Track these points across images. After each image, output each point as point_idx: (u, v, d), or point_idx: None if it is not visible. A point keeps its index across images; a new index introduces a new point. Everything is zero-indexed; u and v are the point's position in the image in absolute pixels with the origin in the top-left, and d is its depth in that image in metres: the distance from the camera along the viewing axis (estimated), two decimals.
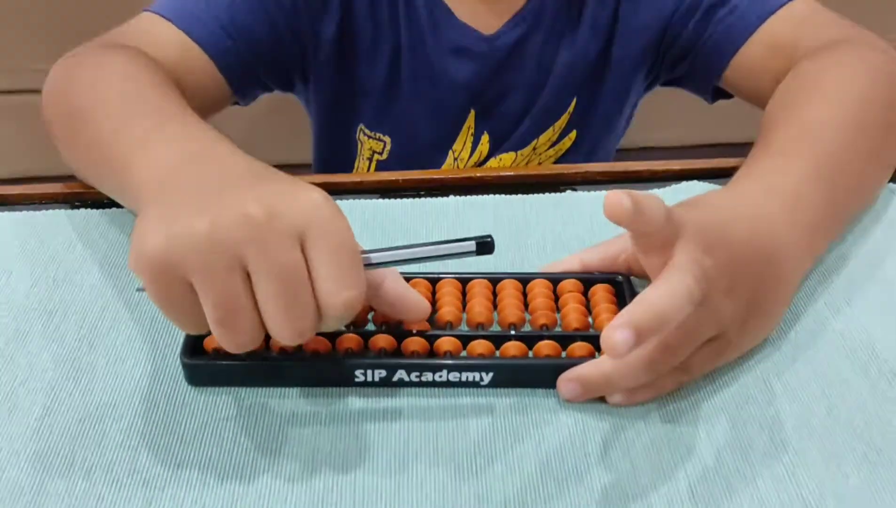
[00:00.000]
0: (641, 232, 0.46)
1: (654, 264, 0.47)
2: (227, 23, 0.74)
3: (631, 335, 0.42)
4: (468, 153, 0.89)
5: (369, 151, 0.90)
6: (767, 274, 0.51)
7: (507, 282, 0.57)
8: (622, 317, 0.43)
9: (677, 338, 0.48)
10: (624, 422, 0.50)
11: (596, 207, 0.66)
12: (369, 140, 0.89)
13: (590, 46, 0.83)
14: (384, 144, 0.89)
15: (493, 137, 0.88)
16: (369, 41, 0.82)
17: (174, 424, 0.50)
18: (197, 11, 0.74)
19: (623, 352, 0.42)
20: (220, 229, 0.42)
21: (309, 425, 0.50)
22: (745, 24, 0.76)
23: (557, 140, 0.89)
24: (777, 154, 0.58)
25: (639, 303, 0.44)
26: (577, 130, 0.89)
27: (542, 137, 0.88)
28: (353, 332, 0.52)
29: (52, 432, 0.49)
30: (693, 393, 0.51)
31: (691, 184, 0.68)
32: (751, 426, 0.50)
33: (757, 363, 0.53)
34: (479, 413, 0.50)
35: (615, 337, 0.42)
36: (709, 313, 0.48)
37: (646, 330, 0.43)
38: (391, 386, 0.52)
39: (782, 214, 0.54)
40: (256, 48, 0.77)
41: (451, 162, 0.89)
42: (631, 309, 0.43)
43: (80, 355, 0.54)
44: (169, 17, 0.73)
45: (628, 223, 0.45)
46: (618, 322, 0.42)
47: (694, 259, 0.46)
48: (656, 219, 0.45)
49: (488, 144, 0.88)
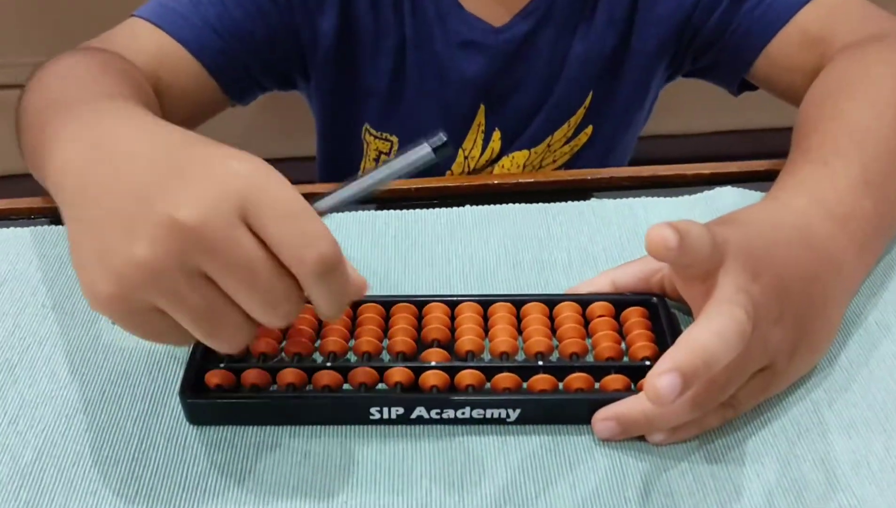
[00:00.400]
0: (685, 265, 0.42)
1: (695, 293, 0.43)
2: (216, 22, 0.71)
3: (678, 381, 0.38)
4: (479, 151, 0.85)
5: (376, 152, 0.86)
6: (816, 295, 0.47)
7: (532, 306, 0.53)
8: (667, 361, 0.39)
9: (724, 373, 0.44)
10: (665, 462, 0.46)
11: (624, 217, 0.62)
12: (376, 140, 0.85)
13: (606, 38, 0.79)
14: (391, 144, 0.85)
15: (506, 133, 0.84)
16: (371, 36, 0.79)
17: (175, 467, 0.46)
18: (185, 12, 0.70)
19: (669, 401, 0.38)
20: (160, 250, 0.38)
21: (321, 467, 0.46)
22: (775, 15, 0.72)
23: (573, 136, 0.85)
24: (819, 162, 0.54)
25: (685, 345, 0.40)
26: (593, 125, 0.85)
27: (558, 133, 0.84)
28: (368, 365, 0.48)
29: (44, 479, 0.46)
30: (739, 429, 0.47)
31: (723, 190, 0.64)
32: (804, 465, 0.46)
33: (806, 392, 0.49)
34: (506, 453, 0.46)
35: (660, 384, 0.38)
36: (758, 343, 0.44)
37: (693, 375, 0.39)
38: (409, 424, 0.48)
39: (830, 228, 0.50)
40: (249, 46, 0.73)
41: (462, 160, 0.85)
42: (677, 352, 0.39)
43: (73, 390, 0.50)
44: (155, 20, 0.70)
45: (673, 260, 0.41)
46: (663, 367, 0.38)
47: (741, 287, 0.42)
48: (702, 252, 0.41)
49: (500, 141, 0.84)
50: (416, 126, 0.83)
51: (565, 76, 0.81)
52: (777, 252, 0.46)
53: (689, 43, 0.79)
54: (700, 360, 0.39)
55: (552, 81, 0.81)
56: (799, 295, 0.46)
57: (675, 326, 0.51)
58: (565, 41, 0.79)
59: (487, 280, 0.57)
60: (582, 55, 0.80)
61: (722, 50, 0.77)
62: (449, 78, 0.80)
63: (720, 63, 0.79)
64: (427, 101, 0.82)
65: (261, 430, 0.48)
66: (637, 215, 0.63)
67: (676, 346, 0.40)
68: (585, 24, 0.79)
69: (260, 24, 0.73)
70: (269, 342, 0.50)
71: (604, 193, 0.66)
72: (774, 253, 0.46)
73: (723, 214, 0.62)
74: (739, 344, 0.41)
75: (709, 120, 1.75)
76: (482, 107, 0.82)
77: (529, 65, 0.80)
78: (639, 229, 0.62)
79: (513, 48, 0.79)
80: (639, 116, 0.88)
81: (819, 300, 0.47)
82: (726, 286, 0.42)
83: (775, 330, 0.45)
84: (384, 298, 0.53)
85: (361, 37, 0.78)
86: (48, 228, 0.63)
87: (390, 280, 0.58)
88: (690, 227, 0.41)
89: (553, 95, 0.82)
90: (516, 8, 0.78)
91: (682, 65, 0.83)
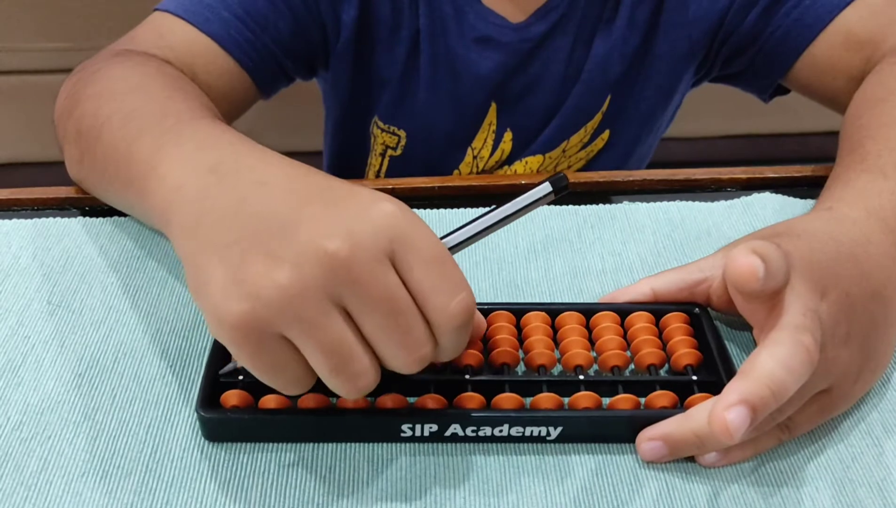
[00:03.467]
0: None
1: (757, 312, 0.41)
2: (243, 14, 0.68)
3: (747, 414, 0.36)
4: (489, 151, 0.82)
5: (382, 146, 0.84)
6: (878, 314, 0.45)
7: (567, 315, 0.50)
8: (734, 394, 0.37)
9: None
10: (716, 484, 0.43)
11: (660, 223, 0.60)
12: (382, 133, 0.82)
13: (628, 41, 0.76)
14: (398, 138, 0.82)
15: (518, 135, 0.81)
16: (389, 28, 0.76)
17: (191, 481, 0.43)
18: (211, 2, 0.67)
19: (739, 435, 0.36)
20: (304, 277, 0.37)
21: (348, 487, 0.43)
22: (816, 16, 0.69)
23: (589, 141, 0.82)
24: (875, 171, 0.51)
25: (752, 374, 0.38)
26: (611, 131, 0.82)
27: (574, 137, 0.81)
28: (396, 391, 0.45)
29: (50, 491, 0.43)
30: (792, 452, 0.45)
31: (762, 196, 0.61)
32: (860, 489, 0.43)
33: (861, 415, 0.47)
34: (546, 474, 0.44)
35: (731, 418, 0.36)
36: (822, 366, 0.41)
37: (762, 407, 0.37)
38: (443, 442, 0.45)
39: (890, 243, 0.47)
40: (277, 36, 0.71)
41: (471, 160, 0.83)
42: (743, 383, 0.37)
43: (81, 395, 0.47)
44: (182, 14, 0.67)
45: (761, 291, 0.38)
46: (730, 400, 0.36)
47: (809, 308, 0.40)
48: (782, 277, 0.39)
49: (511, 143, 0.81)
50: (426, 121, 0.81)
51: (583, 79, 0.78)
52: (841, 268, 0.44)
53: (721, 46, 0.76)
54: (768, 390, 0.37)
55: (569, 83, 0.78)
56: (863, 314, 0.44)
57: (720, 339, 0.48)
58: (585, 42, 0.76)
59: (519, 286, 0.55)
60: (601, 57, 0.77)
61: (758, 54, 0.74)
62: (462, 73, 0.77)
63: (755, 68, 0.76)
64: (438, 96, 0.79)
65: (282, 447, 0.45)
66: (672, 220, 0.60)
67: (742, 375, 0.38)
68: (606, 26, 0.76)
69: (286, 14, 0.71)
70: None
71: (635, 196, 0.63)
72: (839, 269, 0.44)
73: (760, 220, 0.60)
74: (807, 373, 0.39)
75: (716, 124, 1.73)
76: (494, 105, 0.79)
77: (546, 65, 0.77)
78: (675, 234, 0.59)
79: (530, 46, 0.76)
80: (660, 122, 0.85)
81: (881, 319, 0.45)
82: (794, 308, 0.40)
83: (842, 352, 0.42)
84: None
85: (379, 27, 0.76)
86: (52, 220, 0.60)
87: None
88: (767, 250, 0.38)
89: (569, 97, 0.79)
90: (537, 4, 0.75)
91: (712, 69, 0.80)
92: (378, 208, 0.39)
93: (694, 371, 0.47)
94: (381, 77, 0.79)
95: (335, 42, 0.76)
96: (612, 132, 0.82)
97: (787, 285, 0.40)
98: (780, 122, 1.72)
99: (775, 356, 0.38)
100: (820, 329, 0.40)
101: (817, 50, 0.69)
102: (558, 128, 0.80)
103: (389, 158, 0.84)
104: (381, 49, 0.77)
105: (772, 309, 0.40)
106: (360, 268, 0.37)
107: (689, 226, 0.60)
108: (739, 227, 0.59)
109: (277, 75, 0.74)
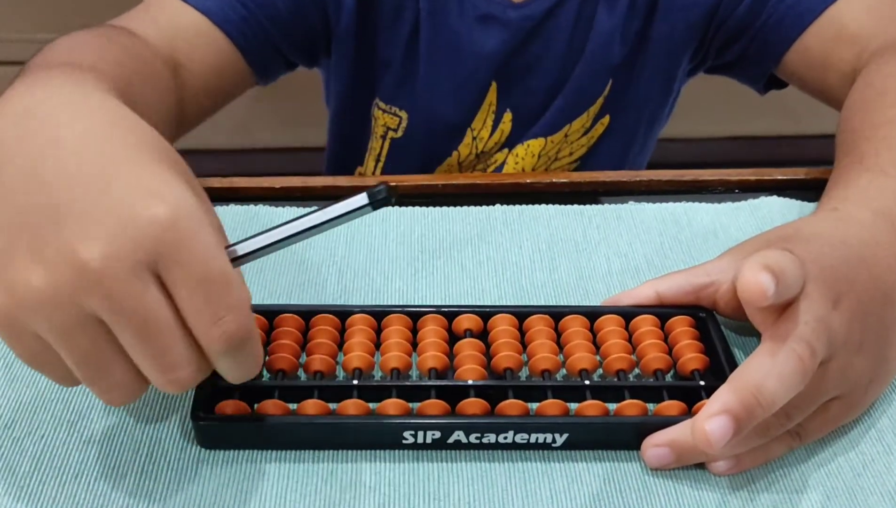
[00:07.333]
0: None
1: (766, 319, 0.40)
2: None
3: (729, 424, 0.36)
4: (488, 132, 0.81)
5: (383, 128, 0.83)
6: (890, 320, 0.44)
7: (571, 318, 0.49)
8: (716, 402, 0.36)
9: (795, 401, 0.40)
10: (725, 492, 0.42)
11: (666, 224, 0.59)
12: (384, 115, 0.82)
13: (629, 23, 0.76)
14: (399, 119, 0.82)
15: (518, 116, 0.81)
16: (391, 7, 0.76)
17: (188, 482, 0.42)
18: None
19: (719, 447, 0.35)
20: (56, 284, 0.35)
21: (348, 488, 0.42)
22: (809, 6, 0.68)
23: (591, 126, 0.81)
24: (875, 170, 0.51)
25: (739, 382, 0.37)
26: (611, 116, 0.81)
27: (576, 122, 0.81)
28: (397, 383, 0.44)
29: (43, 492, 0.42)
30: (803, 459, 0.44)
31: (769, 199, 0.61)
32: (871, 497, 0.42)
33: (873, 421, 0.46)
34: (552, 481, 0.43)
35: (710, 428, 0.36)
36: (836, 374, 0.40)
37: (747, 418, 0.36)
38: (445, 449, 0.44)
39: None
40: (274, 15, 0.70)
41: (470, 141, 0.82)
42: (728, 393, 0.37)
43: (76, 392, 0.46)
44: None
45: (770, 305, 0.38)
46: (712, 410, 0.36)
47: (816, 317, 0.39)
48: (798, 288, 0.38)
49: (511, 123, 0.81)
50: (427, 101, 0.80)
51: (585, 59, 0.77)
52: (853, 272, 0.43)
53: (715, 32, 0.76)
54: (754, 399, 0.36)
55: (570, 64, 0.78)
56: (875, 321, 0.43)
57: (726, 343, 0.47)
58: (586, 23, 0.76)
59: (524, 287, 0.54)
60: (604, 37, 0.76)
61: (751, 42, 0.74)
62: (463, 52, 0.77)
63: (748, 57, 0.75)
64: (439, 75, 0.78)
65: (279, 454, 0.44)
66: (679, 222, 0.59)
67: (730, 383, 0.37)
68: (607, 7, 0.75)
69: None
70: (288, 358, 0.46)
71: (641, 196, 0.62)
72: (851, 273, 0.43)
73: (768, 223, 0.59)
74: (800, 383, 0.38)
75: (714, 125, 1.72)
76: (494, 85, 0.78)
77: (547, 44, 0.77)
78: (682, 236, 0.58)
79: (531, 25, 0.75)
80: (660, 112, 0.85)
81: (892, 325, 0.44)
82: (799, 317, 0.39)
83: (856, 360, 0.42)
84: (412, 308, 0.49)
85: (381, 8, 0.75)
86: None
87: (416, 284, 0.54)
88: (784, 264, 0.38)
89: (570, 79, 0.78)
90: None
91: (706, 57, 0.80)
92: (150, 212, 0.35)
93: (701, 376, 0.46)
94: (383, 58, 0.78)
95: (336, 24, 0.75)
96: (613, 117, 0.81)
97: (801, 293, 0.39)
98: (777, 124, 1.71)
99: (765, 364, 0.38)
100: (825, 338, 0.39)
101: (809, 41, 0.68)
102: (559, 110, 0.80)
103: (391, 140, 0.83)
104: (383, 29, 0.77)
105: (781, 316, 0.39)
106: (111, 282, 0.34)
107: (696, 227, 0.59)
108: (746, 228, 0.58)
109: (275, 58, 0.73)
